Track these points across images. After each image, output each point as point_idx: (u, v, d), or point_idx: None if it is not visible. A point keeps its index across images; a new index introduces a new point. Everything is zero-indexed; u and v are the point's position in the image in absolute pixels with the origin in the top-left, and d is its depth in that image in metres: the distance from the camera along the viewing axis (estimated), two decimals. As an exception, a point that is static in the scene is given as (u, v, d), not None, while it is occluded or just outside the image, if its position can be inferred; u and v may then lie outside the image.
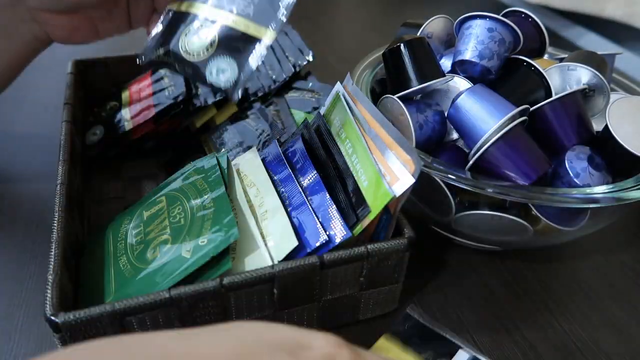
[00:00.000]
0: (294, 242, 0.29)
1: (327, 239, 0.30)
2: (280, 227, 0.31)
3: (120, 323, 0.27)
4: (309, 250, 0.30)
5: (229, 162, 0.36)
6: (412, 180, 0.29)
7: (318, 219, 0.31)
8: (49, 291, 0.26)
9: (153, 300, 0.26)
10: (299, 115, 0.44)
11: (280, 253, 0.30)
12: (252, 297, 0.29)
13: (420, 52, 0.38)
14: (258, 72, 0.50)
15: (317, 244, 0.30)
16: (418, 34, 0.43)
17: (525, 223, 0.35)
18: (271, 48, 0.52)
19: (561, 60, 0.46)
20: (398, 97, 0.37)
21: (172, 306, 0.27)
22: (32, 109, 0.57)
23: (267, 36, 0.35)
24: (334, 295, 0.32)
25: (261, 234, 0.31)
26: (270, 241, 0.31)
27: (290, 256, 0.30)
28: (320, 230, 0.30)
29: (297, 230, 0.31)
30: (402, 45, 0.38)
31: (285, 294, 0.30)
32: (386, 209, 0.30)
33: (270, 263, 0.29)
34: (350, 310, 0.34)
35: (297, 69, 0.49)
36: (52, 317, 0.25)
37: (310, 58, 0.49)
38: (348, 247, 0.30)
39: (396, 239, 0.31)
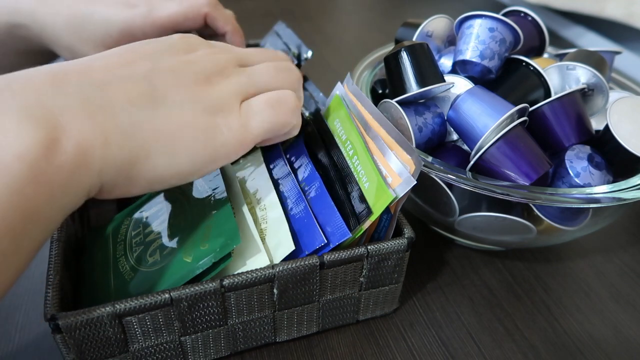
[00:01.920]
0: (291, 247, 0.29)
1: (326, 241, 0.30)
2: (279, 230, 0.31)
3: (121, 323, 0.27)
4: (307, 252, 0.30)
5: None
6: (413, 181, 0.29)
7: (318, 221, 0.31)
8: (49, 292, 0.26)
9: (153, 301, 0.26)
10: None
11: (277, 256, 0.30)
12: (252, 297, 0.29)
13: (421, 57, 0.38)
14: None
15: (316, 247, 0.30)
16: (417, 32, 0.43)
17: (529, 224, 0.35)
18: None
19: (561, 56, 0.46)
20: (397, 101, 0.37)
21: (172, 306, 0.27)
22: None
23: None
24: (334, 295, 0.32)
25: (260, 236, 0.31)
26: (269, 244, 0.31)
27: (288, 258, 0.30)
28: (319, 232, 0.30)
29: (296, 233, 0.31)
30: (402, 50, 0.38)
31: (285, 294, 0.30)
32: (387, 209, 0.30)
33: (269, 264, 0.29)
34: (350, 310, 0.34)
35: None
36: (53, 318, 0.25)
37: (309, 56, 0.48)
38: (348, 247, 0.30)
39: (396, 239, 0.31)
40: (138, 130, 0.25)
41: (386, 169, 0.31)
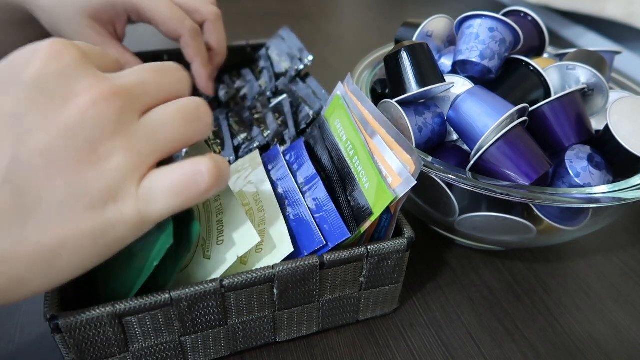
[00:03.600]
0: (289, 248, 0.29)
1: (324, 243, 0.30)
2: (278, 232, 0.31)
3: (121, 323, 0.27)
4: (306, 254, 0.30)
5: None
6: (413, 181, 0.29)
7: (317, 222, 0.31)
8: (49, 292, 0.26)
9: (153, 301, 0.26)
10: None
11: (275, 258, 0.30)
12: (252, 297, 0.29)
13: (421, 57, 0.38)
14: (259, 80, 0.50)
15: (314, 249, 0.30)
16: (417, 32, 0.43)
17: (529, 224, 0.35)
18: (268, 56, 0.52)
19: (561, 56, 0.46)
20: (397, 101, 0.37)
21: (172, 306, 0.27)
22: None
23: None
24: (334, 295, 0.32)
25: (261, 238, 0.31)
26: (268, 245, 0.31)
27: (287, 260, 0.30)
28: (317, 234, 0.30)
29: (295, 234, 0.31)
30: (402, 50, 0.38)
31: (285, 294, 0.30)
32: (387, 209, 0.30)
33: (268, 264, 0.29)
34: (350, 310, 0.34)
35: (296, 73, 0.48)
36: (53, 318, 0.25)
37: (309, 60, 0.48)
38: (348, 247, 0.30)
39: (396, 239, 0.31)
40: (4, 263, 0.20)
41: (386, 169, 0.31)
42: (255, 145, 0.41)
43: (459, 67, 0.40)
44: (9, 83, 0.21)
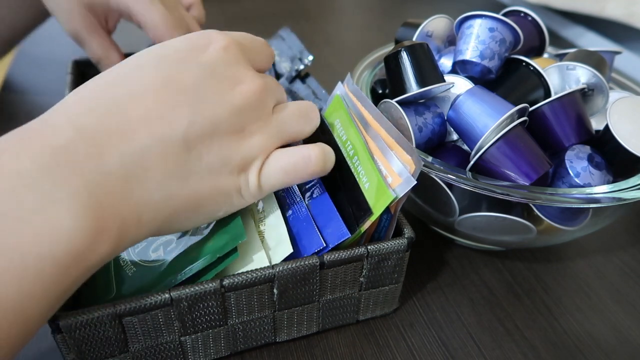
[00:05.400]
0: (289, 250, 0.29)
1: (324, 244, 0.30)
2: (277, 233, 0.31)
3: (121, 323, 0.27)
4: (305, 255, 0.30)
5: None
6: (413, 181, 0.29)
7: (317, 222, 0.31)
8: (49, 291, 0.26)
9: (153, 301, 0.26)
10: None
11: (275, 259, 0.30)
12: (252, 297, 0.29)
13: (421, 57, 0.38)
14: None
15: (314, 250, 0.30)
16: (417, 32, 0.43)
17: (529, 224, 0.35)
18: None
19: (561, 56, 0.46)
20: (397, 101, 0.37)
21: (172, 306, 0.27)
22: (32, 110, 0.57)
23: None
24: (333, 295, 0.32)
25: (259, 239, 0.31)
26: (267, 246, 0.31)
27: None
28: (317, 236, 0.30)
29: (295, 235, 0.31)
30: (402, 50, 0.38)
31: (285, 294, 0.30)
32: (387, 209, 0.30)
33: (269, 264, 0.29)
34: (350, 310, 0.34)
35: (296, 74, 0.48)
36: (53, 318, 0.25)
37: (309, 61, 0.48)
38: (348, 247, 0.30)
39: (396, 239, 0.31)
40: (169, 203, 0.25)
41: (386, 169, 0.31)
42: None
43: (459, 67, 0.40)
44: (190, 61, 0.26)
